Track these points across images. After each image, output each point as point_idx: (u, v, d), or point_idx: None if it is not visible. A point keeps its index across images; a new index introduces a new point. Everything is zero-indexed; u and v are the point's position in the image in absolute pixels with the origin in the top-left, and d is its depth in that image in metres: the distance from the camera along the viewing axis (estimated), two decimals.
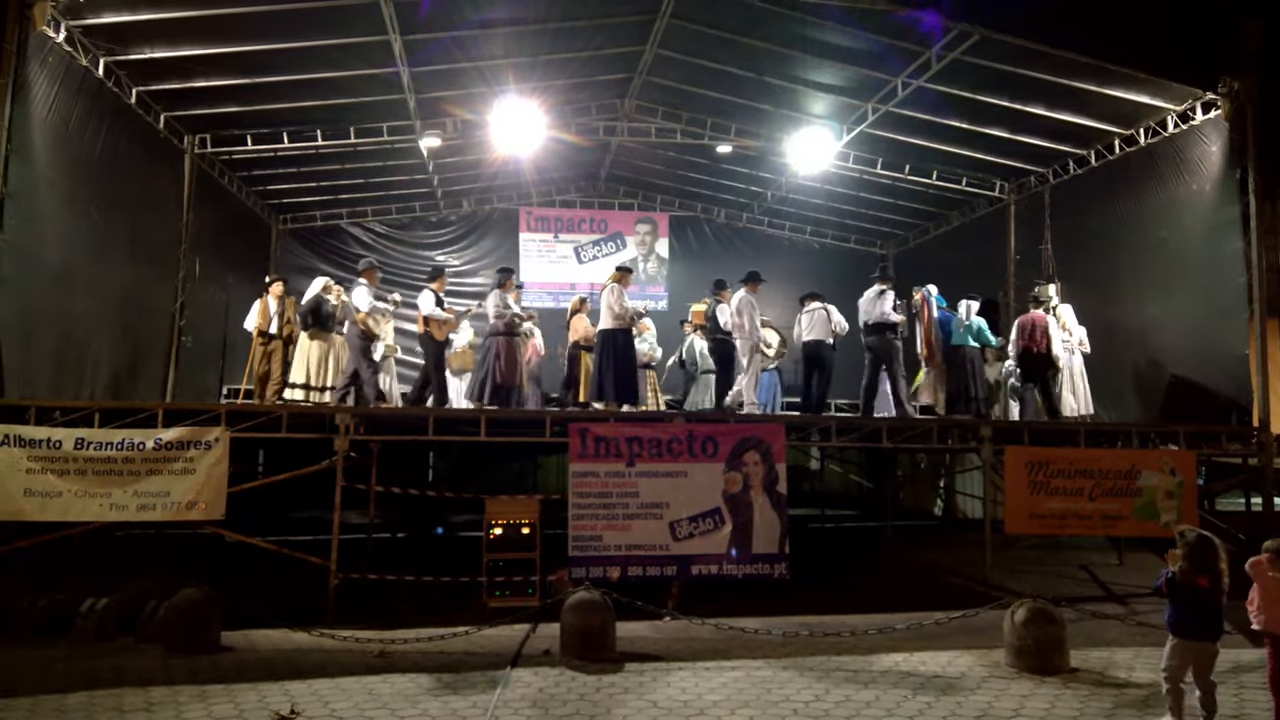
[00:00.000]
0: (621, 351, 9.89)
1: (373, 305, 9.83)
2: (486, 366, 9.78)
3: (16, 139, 8.15)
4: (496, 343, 9.84)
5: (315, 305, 10.32)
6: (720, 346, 10.78)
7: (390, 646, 6.79)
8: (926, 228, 16.79)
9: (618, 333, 9.90)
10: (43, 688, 5.77)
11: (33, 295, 8.46)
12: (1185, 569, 4.76)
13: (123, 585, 7.81)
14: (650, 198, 17.99)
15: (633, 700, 5.66)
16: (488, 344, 9.95)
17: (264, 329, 10.50)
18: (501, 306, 9.90)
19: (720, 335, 10.70)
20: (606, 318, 9.95)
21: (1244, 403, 9.68)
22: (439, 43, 10.71)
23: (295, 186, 15.06)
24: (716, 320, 10.72)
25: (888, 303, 10.45)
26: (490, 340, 9.92)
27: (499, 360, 9.74)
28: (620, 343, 9.89)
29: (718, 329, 10.70)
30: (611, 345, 9.85)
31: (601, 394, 9.82)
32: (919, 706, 5.59)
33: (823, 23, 10.28)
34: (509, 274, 10.34)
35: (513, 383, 9.87)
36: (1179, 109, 10.57)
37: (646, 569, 8.29)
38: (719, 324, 10.67)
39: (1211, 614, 4.76)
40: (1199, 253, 10.34)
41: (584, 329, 11.25)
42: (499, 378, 9.71)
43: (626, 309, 9.95)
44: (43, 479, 7.59)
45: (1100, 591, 9.54)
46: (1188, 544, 4.80)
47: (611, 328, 9.89)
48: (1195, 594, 4.74)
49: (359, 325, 9.64)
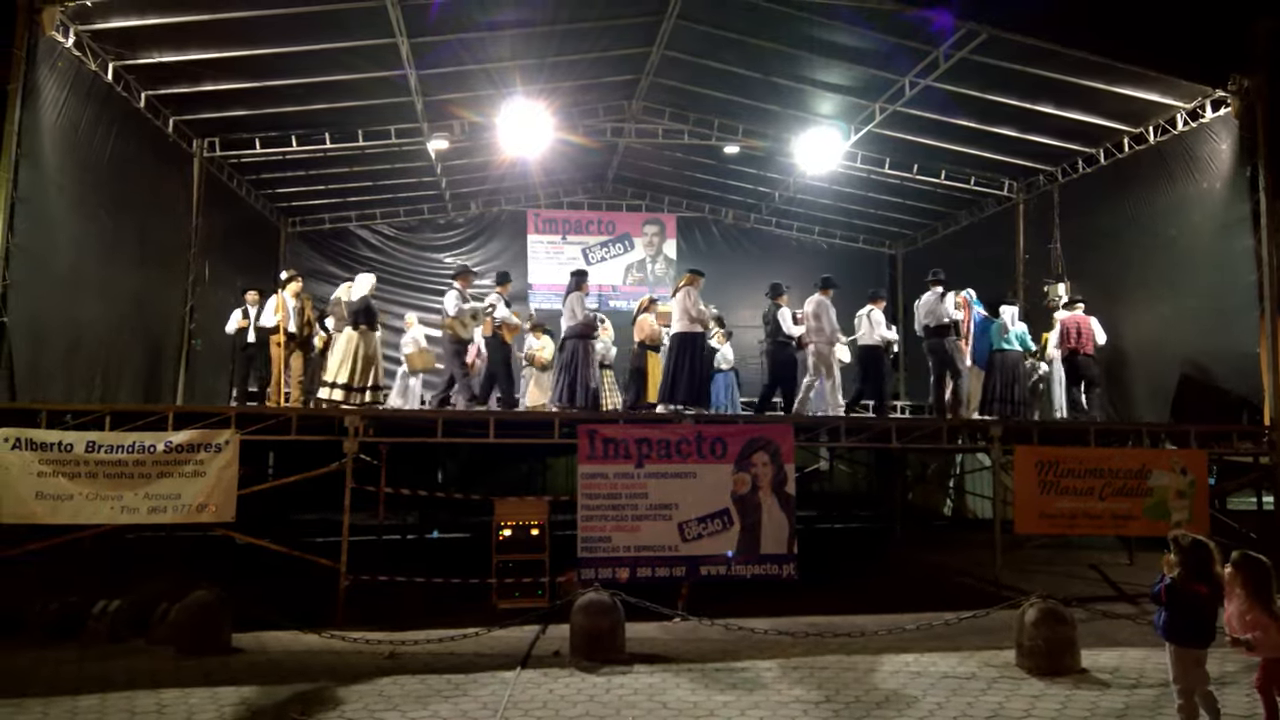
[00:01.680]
0: (697, 354, 9.95)
1: (459, 308, 9.84)
2: (573, 369, 9.81)
3: (26, 144, 8.19)
4: (578, 345, 9.90)
5: (366, 304, 10.19)
6: (780, 351, 10.70)
7: (400, 648, 6.80)
8: (935, 227, 16.75)
9: (694, 336, 9.95)
10: (55, 689, 5.80)
11: (43, 299, 8.51)
12: (1183, 575, 4.62)
13: (134, 587, 7.85)
14: (658, 199, 17.99)
15: (642, 701, 5.66)
16: (569, 347, 9.97)
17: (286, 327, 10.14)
18: (580, 309, 9.98)
19: (781, 339, 10.65)
20: (682, 320, 9.95)
21: (1255, 401, 9.63)
22: (446, 45, 10.74)
23: (304, 189, 15.12)
24: (778, 324, 10.65)
25: (949, 304, 10.54)
26: (572, 343, 9.94)
27: (584, 363, 9.84)
28: (696, 345, 9.93)
29: (778, 332, 10.65)
30: (689, 348, 9.87)
31: (674, 396, 9.81)
32: (930, 707, 5.57)
33: (830, 23, 10.27)
34: (584, 277, 10.35)
35: (592, 384, 10.00)
36: (1188, 107, 10.52)
37: (655, 570, 8.29)
38: (779, 327, 10.63)
39: (1206, 621, 4.60)
40: (1209, 251, 10.29)
41: (649, 329, 11.17)
42: (588, 380, 9.83)
43: (702, 312, 10.01)
44: (54, 482, 7.63)
45: (1111, 591, 9.49)
46: (1183, 550, 4.65)
47: (688, 331, 9.91)
48: (1192, 601, 4.58)
49: (449, 330, 9.67)
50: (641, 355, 11.22)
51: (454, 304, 9.84)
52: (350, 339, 9.98)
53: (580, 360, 9.80)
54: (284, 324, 10.00)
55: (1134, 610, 8.37)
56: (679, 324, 9.92)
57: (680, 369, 9.76)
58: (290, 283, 10.41)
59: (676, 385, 9.75)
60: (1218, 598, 4.60)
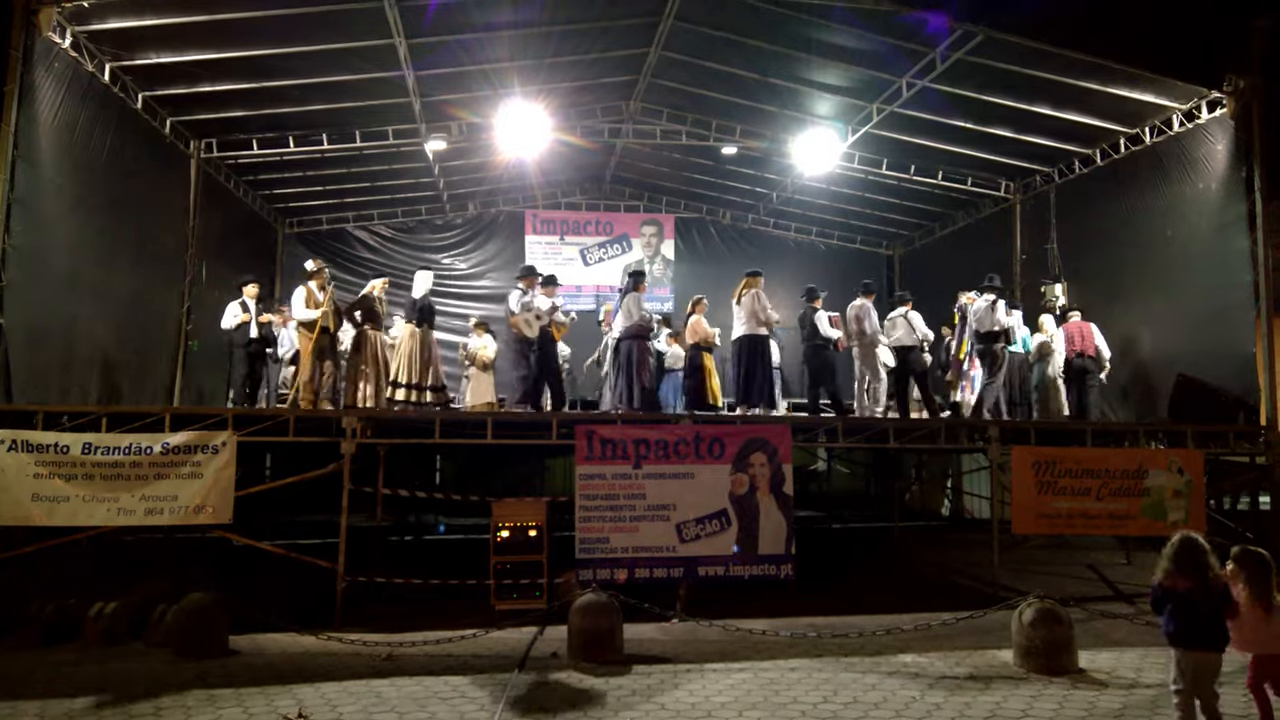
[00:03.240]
0: (767, 356, 10.12)
1: (524, 306, 9.81)
2: (630, 370, 9.85)
3: (23, 144, 8.19)
4: (633, 346, 9.92)
5: (425, 302, 10.14)
6: (817, 354, 10.71)
7: (398, 650, 6.80)
8: (932, 228, 16.78)
9: (764, 339, 10.09)
10: (51, 692, 5.78)
11: (40, 300, 8.50)
12: (1170, 572, 4.54)
13: (130, 590, 7.83)
14: (656, 199, 18.00)
15: (640, 703, 5.66)
16: (624, 348, 10.00)
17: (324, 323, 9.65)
18: (637, 309, 10.01)
19: (818, 342, 10.66)
20: (750, 323, 10.04)
21: (1251, 401, 9.65)
22: (444, 46, 10.74)
23: (301, 190, 15.13)
24: (815, 327, 10.65)
25: (1000, 311, 10.63)
26: (628, 344, 9.97)
27: (640, 363, 9.92)
28: (764, 348, 10.10)
29: (815, 335, 10.65)
30: (760, 350, 10.02)
31: (748, 398, 9.91)
32: (927, 707, 5.57)
33: (827, 24, 10.28)
34: (641, 277, 10.36)
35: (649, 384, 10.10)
36: (1184, 108, 10.55)
37: (654, 571, 8.28)
38: (816, 330, 10.64)
39: (1206, 621, 4.47)
40: (1205, 251, 10.31)
41: (704, 330, 11.14)
42: (646, 381, 9.94)
43: (770, 315, 10.11)
44: (50, 484, 7.61)
45: (1108, 591, 9.50)
46: (1172, 547, 4.58)
47: (757, 333, 10.01)
48: (1184, 600, 4.49)
49: (513, 329, 9.70)
50: (698, 357, 11.12)
51: (518, 303, 9.82)
52: (412, 337, 9.90)
53: (636, 361, 9.89)
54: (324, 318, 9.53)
55: (1131, 610, 8.39)
56: (746, 326, 10.05)
57: (754, 370, 9.92)
58: (318, 274, 9.88)
59: (750, 386, 9.90)
60: (1210, 595, 4.47)
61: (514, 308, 9.79)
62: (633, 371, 9.84)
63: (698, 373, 10.90)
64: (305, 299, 9.54)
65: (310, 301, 9.54)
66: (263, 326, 10.72)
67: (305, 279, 9.65)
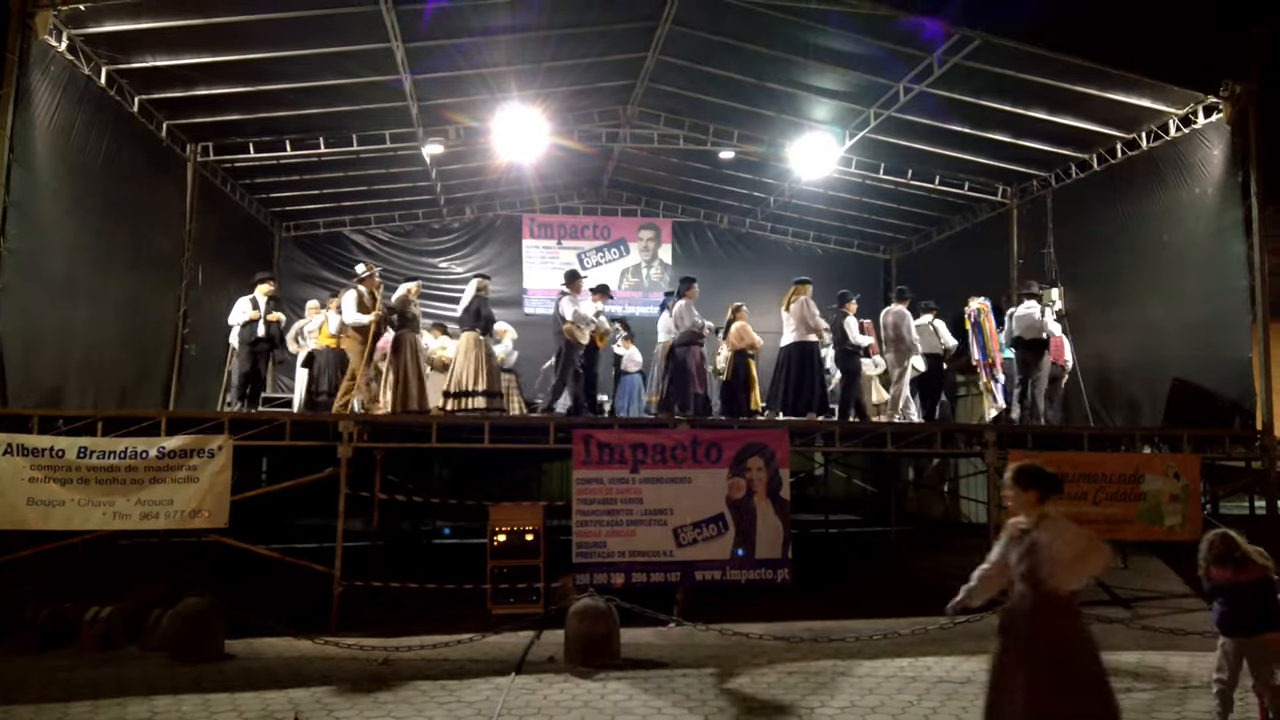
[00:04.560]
0: (817, 363, 10.17)
1: (576, 313, 9.84)
2: (683, 376, 9.89)
3: (19, 148, 8.16)
4: (690, 352, 9.97)
5: (477, 307, 10.09)
6: (848, 359, 10.72)
7: (394, 654, 6.78)
8: (929, 232, 16.79)
9: (814, 345, 10.15)
10: (46, 696, 5.76)
11: (35, 304, 8.47)
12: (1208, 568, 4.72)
13: (126, 594, 7.82)
14: (653, 204, 18.00)
15: (638, 707, 5.65)
16: (681, 354, 10.03)
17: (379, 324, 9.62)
18: (689, 316, 10.05)
19: (848, 348, 10.69)
20: (800, 329, 10.06)
21: (1247, 406, 9.66)
22: (442, 50, 10.74)
23: (298, 194, 15.11)
24: (845, 333, 10.67)
25: (1049, 317, 10.75)
26: (682, 350, 10.01)
27: (698, 369, 10.02)
28: (814, 354, 10.16)
29: (845, 340, 10.68)
30: (810, 356, 10.07)
31: (797, 405, 9.94)
32: (924, 711, 5.57)
33: (824, 28, 10.29)
34: (691, 283, 10.44)
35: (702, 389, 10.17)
36: (1181, 113, 10.57)
37: (650, 575, 8.28)
38: (846, 336, 10.66)
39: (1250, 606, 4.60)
40: (1201, 256, 10.33)
41: (749, 336, 11.13)
42: (701, 386, 9.99)
43: (820, 322, 10.17)
44: (46, 488, 7.59)
45: (1105, 595, 9.49)
46: (1206, 543, 4.75)
47: (806, 340, 10.06)
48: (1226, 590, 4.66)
49: (567, 334, 9.69)
50: (743, 363, 11.10)
51: (570, 310, 9.81)
52: (465, 346, 9.95)
53: (693, 367, 9.98)
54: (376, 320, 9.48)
55: (1127, 614, 8.40)
56: (796, 333, 10.09)
57: (804, 378, 9.96)
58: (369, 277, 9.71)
59: (802, 392, 9.93)
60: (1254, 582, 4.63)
61: (566, 314, 9.79)
62: (687, 377, 9.92)
63: (742, 378, 10.95)
64: (357, 303, 9.45)
65: (362, 306, 9.48)
66: (270, 325, 10.57)
67: (356, 283, 9.63)
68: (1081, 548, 3.74)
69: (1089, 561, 3.76)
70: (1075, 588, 3.82)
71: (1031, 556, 3.82)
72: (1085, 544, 3.75)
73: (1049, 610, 3.77)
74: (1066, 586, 3.77)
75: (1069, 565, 3.74)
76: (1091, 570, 3.84)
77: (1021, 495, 3.94)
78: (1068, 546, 3.75)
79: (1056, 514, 3.87)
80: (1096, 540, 3.79)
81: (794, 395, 10.02)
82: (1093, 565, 3.79)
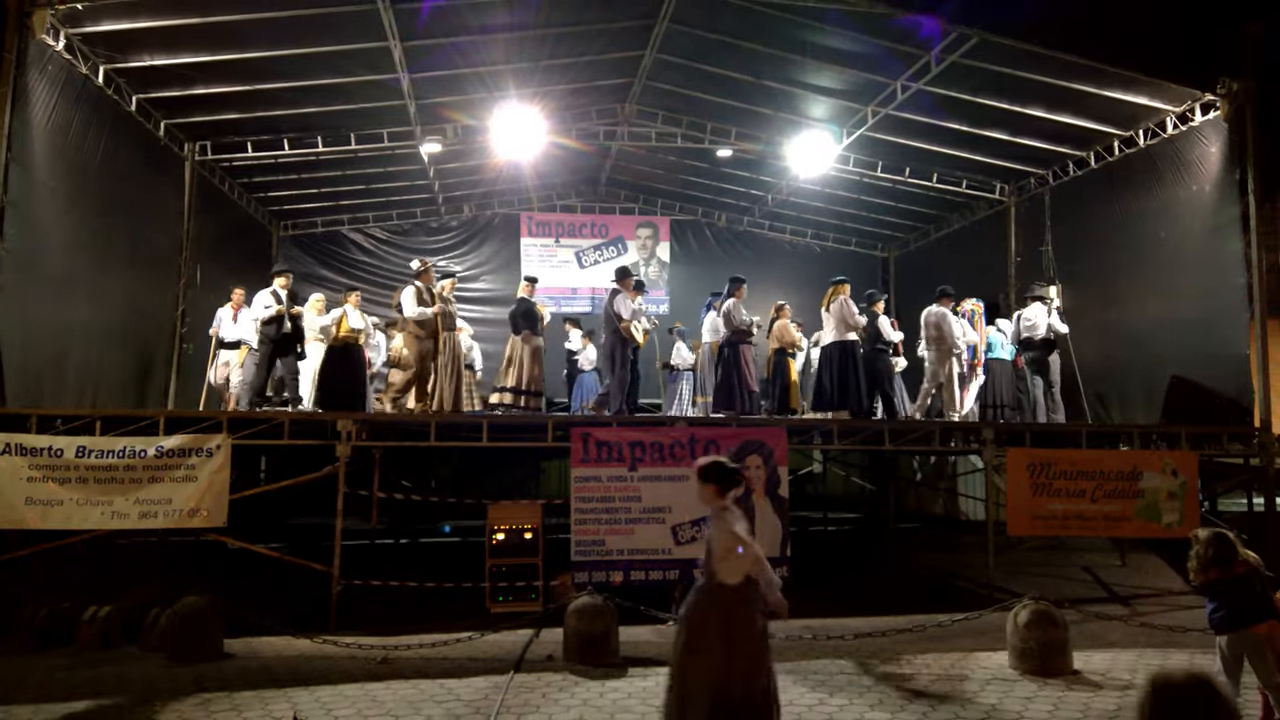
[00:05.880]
0: (859, 361, 10.26)
1: (634, 311, 9.91)
2: (732, 373, 9.95)
3: (16, 147, 8.15)
4: (738, 350, 10.03)
5: (527, 308, 10.12)
6: (879, 358, 10.77)
7: (393, 653, 6.79)
8: (927, 230, 16.80)
9: (855, 344, 10.21)
10: (45, 696, 5.76)
11: (33, 303, 8.45)
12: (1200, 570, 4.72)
13: (125, 593, 7.81)
14: (651, 202, 18.00)
15: (636, 705, 5.66)
16: (728, 353, 10.08)
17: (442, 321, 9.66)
18: (739, 314, 10.11)
19: (879, 346, 10.74)
20: (839, 329, 10.12)
21: (1245, 403, 9.67)
22: (439, 49, 10.73)
23: (296, 193, 15.09)
24: (878, 330, 10.73)
25: (1056, 318, 10.91)
26: (730, 349, 10.06)
27: (747, 366, 10.09)
28: (855, 353, 10.24)
29: (877, 338, 10.73)
30: (851, 356, 10.15)
31: (844, 404, 10.01)
32: (922, 710, 5.58)
33: (821, 26, 10.29)
34: (741, 283, 10.47)
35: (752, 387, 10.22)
36: (1178, 110, 10.57)
37: (649, 573, 8.29)
38: (879, 334, 10.73)
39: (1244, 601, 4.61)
40: (1199, 253, 10.33)
41: (789, 335, 11.18)
42: (751, 384, 10.05)
43: (859, 321, 10.24)
44: (44, 487, 7.59)
45: (1103, 593, 9.53)
46: (1202, 544, 4.75)
47: (846, 339, 10.11)
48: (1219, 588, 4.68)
49: (624, 332, 9.74)
50: (782, 362, 11.17)
51: (628, 308, 9.83)
52: (516, 346, 10.17)
53: (742, 364, 10.05)
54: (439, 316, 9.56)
55: (1126, 611, 8.42)
56: (836, 332, 10.16)
57: (846, 377, 10.03)
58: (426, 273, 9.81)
59: (845, 394, 10.02)
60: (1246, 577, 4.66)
61: (623, 312, 9.80)
62: (735, 375, 9.98)
63: (782, 376, 11.04)
64: (416, 298, 9.37)
65: (422, 300, 9.40)
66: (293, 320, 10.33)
67: (412, 278, 9.58)
68: (727, 545, 3.93)
69: (732, 561, 3.93)
70: (735, 581, 3.97)
71: (706, 547, 4.06)
72: (731, 542, 3.93)
73: (711, 600, 3.99)
74: (728, 579, 3.95)
75: (722, 559, 3.94)
76: (741, 567, 3.96)
77: (704, 489, 4.10)
78: (719, 542, 3.95)
79: (724, 509, 4.05)
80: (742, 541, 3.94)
81: (838, 394, 10.13)
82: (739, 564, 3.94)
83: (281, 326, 10.11)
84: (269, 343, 10.13)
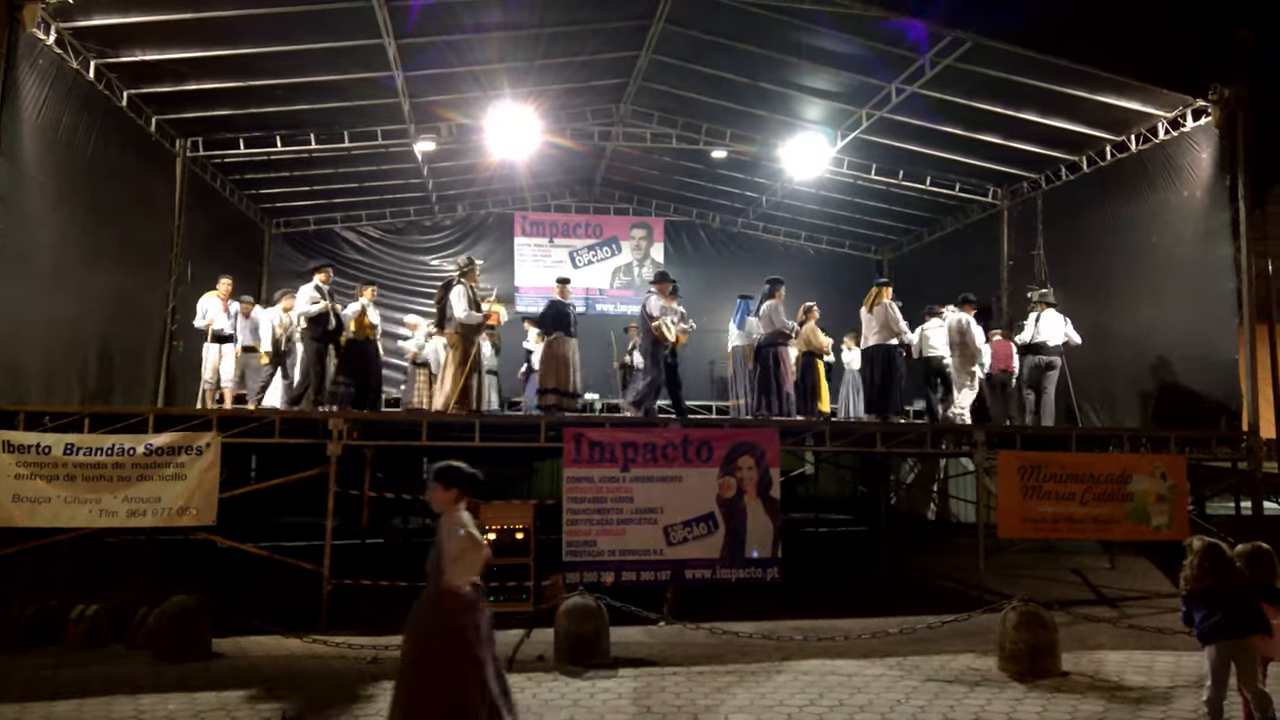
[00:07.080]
0: (900, 366, 10.36)
1: (662, 308, 9.87)
2: (769, 376, 9.99)
3: (6, 142, 8.09)
4: (776, 352, 10.08)
5: (558, 309, 10.10)
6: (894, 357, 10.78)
7: (383, 653, 6.75)
8: (921, 233, 16.85)
9: (895, 349, 10.29)
10: (31, 695, 5.73)
11: (22, 299, 8.39)
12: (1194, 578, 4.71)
13: (113, 592, 7.76)
14: (645, 202, 18.01)
15: (627, 705, 5.65)
16: (766, 354, 10.12)
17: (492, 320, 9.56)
18: (777, 317, 10.14)
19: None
20: (882, 333, 10.18)
21: (1234, 407, 9.71)
22: (433, 47, 10.71)
23: (288, 190, 15.04)
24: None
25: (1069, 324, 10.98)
26: (768, 350, 10.11)
27: (786, 368, 10.16)
28: (897, 357, 10.34)
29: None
30: (892, 359, 10.25)
31: (885, 408, 10.10)
32: (912, 710, 5.59)
33: (816, 29, 10.30)
34: (779, 284, 10.49)
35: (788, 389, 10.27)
36: (1170, 116, 10.62)
37: (641, 574, 8.28)
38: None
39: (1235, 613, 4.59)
40: (1190, 258, 10.38)
41: (819, 340, 11.18)
42: (788, 386, 10.12)
43: (903, 325, 10.32)
44: (32, 485, 7.54)
45: (1092, 595, 9.56)
46: (1196, 554, 4.74)
47: (888, 343, 10.20)
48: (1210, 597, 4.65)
49: (656, 332, 9.74)
50: (811, 364, 11.17)
51: (659, 308, 9.81)
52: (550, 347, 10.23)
53: (781, 366, 10.08)
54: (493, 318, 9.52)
55: (1114, 614, 8.45)
56: (879, 336, 10.23)
57: (888, 381, 10.13)
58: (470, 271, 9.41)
59: (887, 397, 10.12)
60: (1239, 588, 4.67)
61: (654, 311, 9.80)
62: (773, 377, 10.01)
63: (810, 378, 11.06)
64: (467, 299, 8.94)
65: (473, 302, 8.97)
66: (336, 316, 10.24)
67: (458, 277, 9.10)
68: (462, 545, 3.90)
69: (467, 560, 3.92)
70: (465, 586, 3.96)
71: (435, 551, 3.99)
72: (466, 541, 3.90)
73: (435, 605, 3.95)
74: (458, 582, 3.93)
75: (456, 559, 3.90)
76: (473, 568, 3.98)
77: (442, 494, 4.06)
78: (452, 543, 3.91)
79: (454, 513, 4.01)
80: (477, 543, 3.93)
81: (879, 397, 10.21)
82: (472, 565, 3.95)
83: (327, 322, 10.00)
84: (318, 340, 9.99)
